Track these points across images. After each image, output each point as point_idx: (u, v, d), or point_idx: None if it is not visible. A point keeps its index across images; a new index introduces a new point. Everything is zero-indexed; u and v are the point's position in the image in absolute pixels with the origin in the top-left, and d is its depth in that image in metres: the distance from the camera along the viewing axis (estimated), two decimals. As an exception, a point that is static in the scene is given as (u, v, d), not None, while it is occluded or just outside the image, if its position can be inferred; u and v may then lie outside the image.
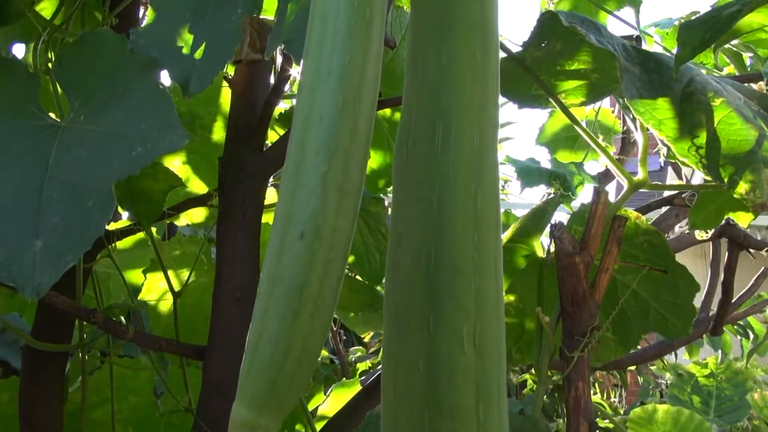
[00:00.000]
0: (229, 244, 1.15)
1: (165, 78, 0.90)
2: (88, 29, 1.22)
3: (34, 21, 1.12)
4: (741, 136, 0.83)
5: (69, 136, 0.85)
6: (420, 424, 0.48)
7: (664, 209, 1.87)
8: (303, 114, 0.52)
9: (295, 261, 0.49)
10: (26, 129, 0.87)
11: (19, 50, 1.34)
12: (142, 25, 0.96)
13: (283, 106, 1.59)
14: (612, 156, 1.09)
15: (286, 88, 1.26)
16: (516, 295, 1.20)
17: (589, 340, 0.96)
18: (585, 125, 2.13)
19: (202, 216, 1.65)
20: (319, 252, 0.49)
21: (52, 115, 0.90)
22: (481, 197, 0.51)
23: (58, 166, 0.81)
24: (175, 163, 1.51)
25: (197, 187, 1.54)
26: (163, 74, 0.90)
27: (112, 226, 1.43)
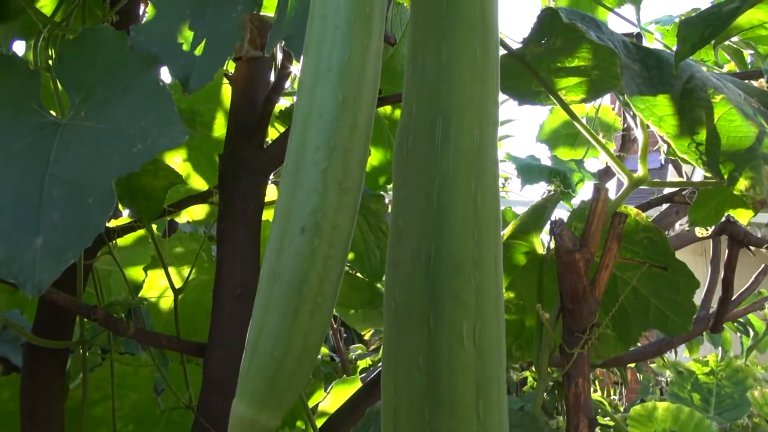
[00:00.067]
0: (230, 242, 1.15)
1: (165, 75, 0.90)
2: (88, 26, 1.21)
3: (35, 18, 1.12)
4: (741, 132, 0.83)
5: (69, 133, 0.85)
6: (420, 422, 0.47)
7: (665, 206, 1.87)
8: (303, 111, 0.52)
9: (296, 257, 0.49)
10: (27, 126, 0.87)
11: (19, 47, 1.35)
12: (143, 22, 0.96)
13: (283, 103, 1.59)
14: (612, 153, 1.09)
15: (287, 85, 1.26)
16: (516, 292, 1.20)
17: (589, 337, 0.96)
18: (585, 122, 2.13)
19: (203, 213, 1.65)
20: (320, 248, 0.49)
21: (53, 113, 0.90)
22: (481, 194, 0.51)
23: (59, 164, 0.81)
24: (176, 160, 1.51)
25: (198, 184, 1.54)
26: (164, 71, 0.90)
27: (113, 223, 1.43)
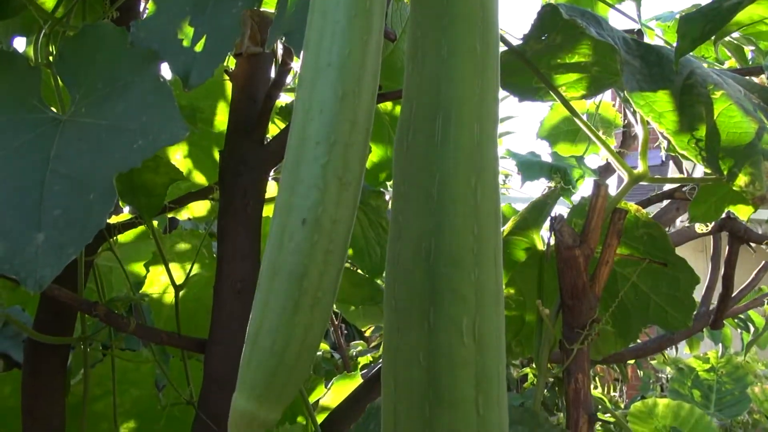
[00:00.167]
0: (230, 238, 1.15)
1: (166, 71, 0.90)
2: (88, 22, 1.21)
3: (35, 14, 1.12)
4: (741, 128, 0.83)
5: (70, 130, 0.85)
6: (420, 417, 0.47)
7: (665, 203, 1.87)
8: (303, 105, 0.53)
9: (296, 252, 0.49)
10: (27, 122, 0.87)
11: (20, 44, 1.35)
12: (143, 18, 0.96)
13: (284, 99, 1.59)
14: (612, 149, 1.09)
15: (288, 81, 1.25)
16: (516, 288, 1.20)
17: (589, 333, 0.97)
18: (585, 119, 2.12)
19: (204, 210, 1.65)
20: (320, 243, 0.49)
21: (54, 109, 0.90)
22: (481, 189, 0.51)
23: (60, 160, 0.81)
24: (177, 157, 1.51)
25: (198, 180, 1.54)
26: (164, 67, 0.90)
27: (114, 220, 1.44)
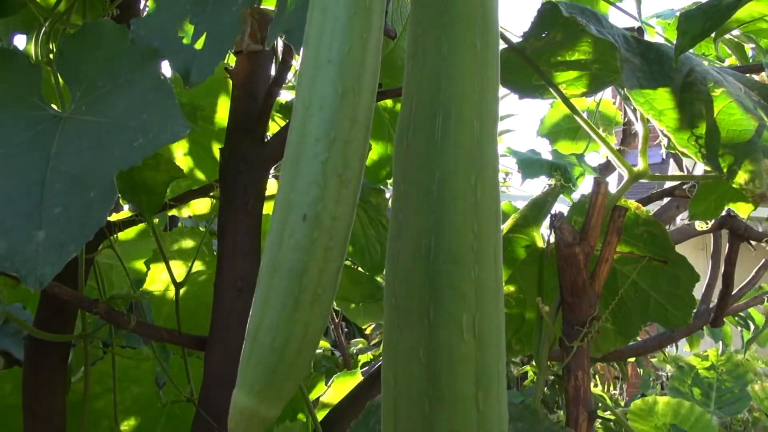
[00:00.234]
0: (231, 236, 1.15)
1: (166, 68, 0.90)
2: (89, 20, 1.22)
3: (36, 12, 1.12)
4: (741, 126, 0.83)
5: (71, 127, 0.86)
6: (420, 413, 0.48)
7: (665, 200, 1.87)
8: (303, 102, 0.53)
9: (295, 249, 0.49)
10: (28, 120, 0.87)
11: (20, 41, 1.35)
12: (143, 16, 0.96)
13: (284, 97, 1.59)
14: (612, 147, 1.09)
15: (289, 77, 1.25)
16: (516, 286, 1.20)
17: (589, 330, 0.97)
18: (586, 116, 2.12)
19: (205, 208, 1.65)
20: (319, 239, 0.49)
21: (54, 107, 0.90)
22: (481, 186, 0.51)
23: (60, 157, 0.81)
24: (177, 154, 1.51)
25: (199, 178, 1.54)
26: (164, 65, 0.90)
27: (114, 217, 1.44)
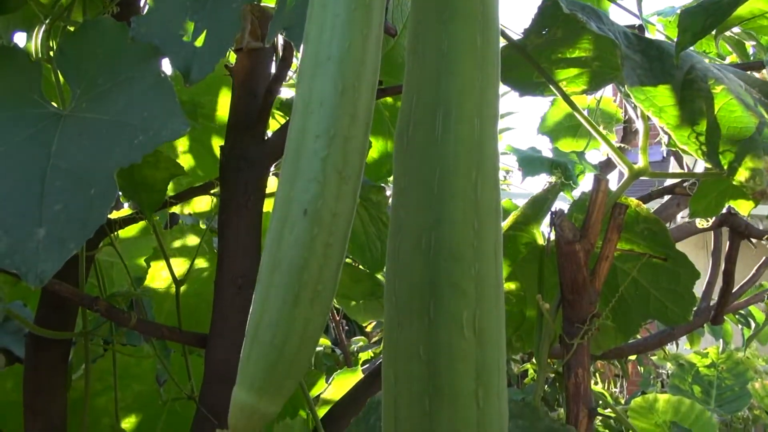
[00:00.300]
0: (231, 233, 1.16)
1: (166, 66, 0.90)
2: (89, 17, 1.21)
3: (36, 9, 1.12)
4: (741, 123, 0.83)
5: (71, 125, 0.86)
6: (420, 410, 0.48)
7: (666, 198, 1.87)
8: (303, 99, 0.53)
9: (296, 244, 0.49)
10: (28, 117, 0.87)
11: (20, 39, 1.35)
12: (143, 13, 0.96)
13: (284, 94, 1.58)
14: (613, 144, 1.09)
15: (290, 74, 1.25)
16: (516, 283, 1.20)
17: (589, 327, 0.97)
18: (586, 114, 2.12)
19: (205, 205, 1.65)
20: (319, 236, 0.49)
21: (54, 104, 0.90)
22: (481, 183, 0.51)
23: (61, 155, 0.81)
24: (178, 152, 1.51)
25: (200, 175, 1.54)
26: (165, 62, 0.90)
27: (115, 215, 1.44)
